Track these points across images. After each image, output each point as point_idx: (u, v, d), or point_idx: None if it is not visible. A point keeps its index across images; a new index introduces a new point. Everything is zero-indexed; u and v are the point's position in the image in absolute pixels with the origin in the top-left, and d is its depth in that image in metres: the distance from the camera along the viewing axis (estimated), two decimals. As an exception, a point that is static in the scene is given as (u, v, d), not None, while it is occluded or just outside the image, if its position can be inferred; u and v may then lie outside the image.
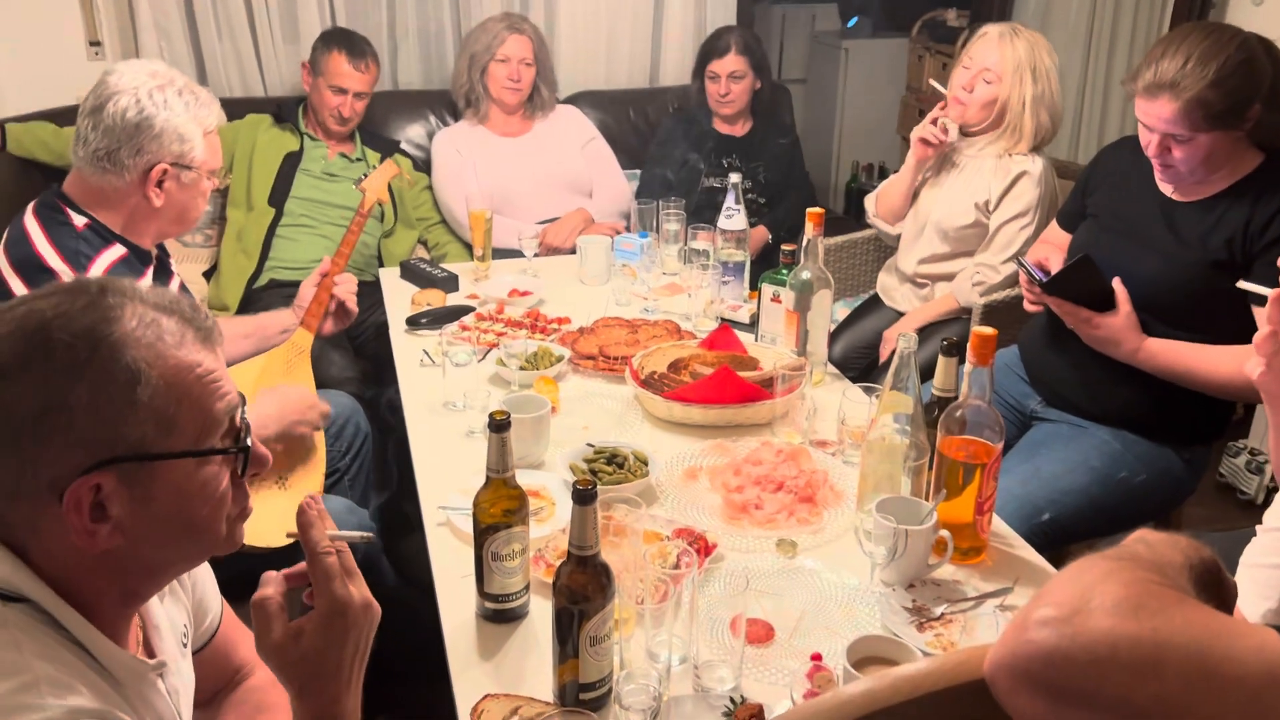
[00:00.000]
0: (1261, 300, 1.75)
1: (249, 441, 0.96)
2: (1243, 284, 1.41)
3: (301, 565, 1.01)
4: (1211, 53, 1.73)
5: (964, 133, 2.54)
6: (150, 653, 1.04)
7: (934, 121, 2.52)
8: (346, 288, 2.19)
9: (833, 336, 2.77)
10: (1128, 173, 1.99)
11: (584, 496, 1.15)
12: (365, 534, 1.08)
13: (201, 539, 0.96)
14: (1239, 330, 1.72)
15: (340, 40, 2.99)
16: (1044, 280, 1.87)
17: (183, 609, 1.13)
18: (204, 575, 1.20)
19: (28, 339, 0.86)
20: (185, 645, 1.12)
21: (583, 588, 1.17)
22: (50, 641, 0.87)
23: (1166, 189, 1.92)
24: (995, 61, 2.43)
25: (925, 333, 2.49)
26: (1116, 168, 2.04)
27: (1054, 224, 2.23)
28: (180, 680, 1.07)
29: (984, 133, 2.51)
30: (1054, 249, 2.14)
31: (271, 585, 1.00)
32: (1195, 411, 1.92)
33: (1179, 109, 1.74)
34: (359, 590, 1.00)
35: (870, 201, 2.81)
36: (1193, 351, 1.82)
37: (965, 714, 0.77)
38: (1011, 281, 2.45)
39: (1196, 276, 1.83)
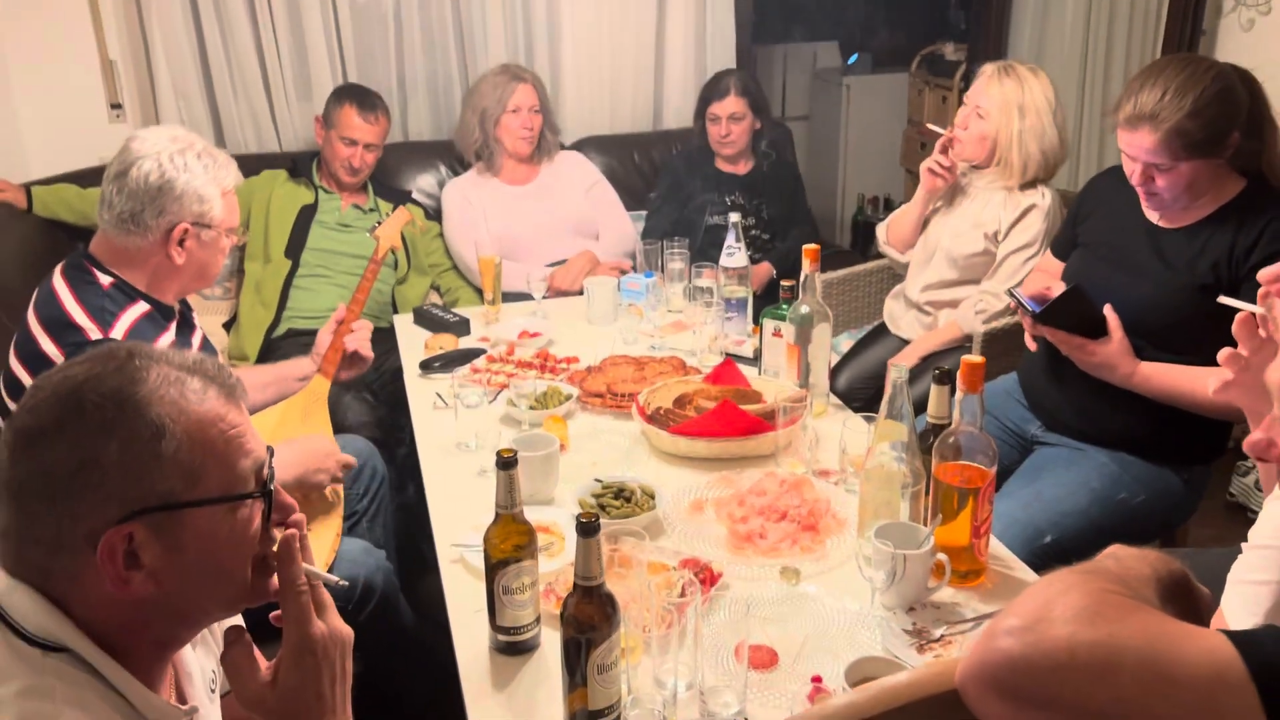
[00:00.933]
0: (1026, 309, 1.80)
1: (272, 487, 1.01)
2: (1223, 299, 1.45)
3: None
4: (1188, 84, 1.78)
5: (973, 167, 2.62)
6: (182, 699, 1.08)
7: (944, 151, 2.59)
8: (360, 335, 2.25)
9: (838, 367, 2.83)
10: (1115, 201, 2.05)
11: (587, 529, 1.20)
12: (339, 580, 1.10)
13: (230, 585, 1.00)
14: (1216, 342, 1.76)
15: (351, 94, 3.10)
16: (1036, 311, 1.92)
17: (212, 656, 1.17)
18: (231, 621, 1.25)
19: (62, 402, 0.93)
20: (214, 691, 1.16)
21: (589, 618, 1.22)
22: (87, 690, 0.92)
23: (1153, 216, 1.97)
24: (985, 99, 2.52)
25: (929, 361, 2.53)
26: (1104, 196, 2.10)
27: (1048, 252, 2.28)
28: None
29: (985, 167, 2.59)
30: (1049, 277, 2.18)
31: (234, 641, 1.03)
32: (1192, 432, 1.95)
33: (1159, 139, 1.80)
34: (329, 622, 1.03)
35: (881, 230, 2.89)
36: (1186, 373, 1.86)
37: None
38: (1013, 309, 2.50)
39: (1186, 301, 1.87)
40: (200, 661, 1.14)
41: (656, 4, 3.68)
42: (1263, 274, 1.24)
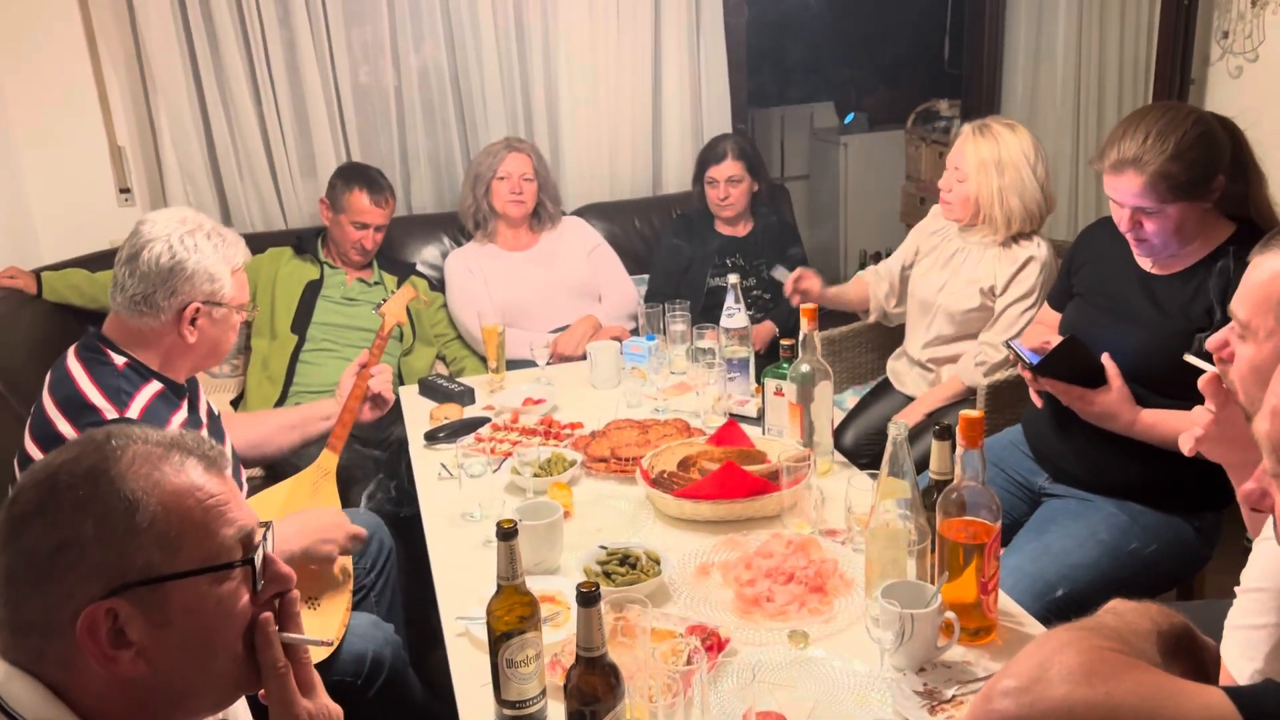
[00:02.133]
0: (1025, 362, 1.81)
1: (253, 556, 1.00)
2: (1189, 358, 1.47)
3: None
4: (1169, 129, 1.82)
5: (962, 227, 2.66)
6: None
7: None
8: (382, 378, 2.33)
9: (843, 424, 2.83)
10: (1108, 251, 2.06)
11: (587, 599, 1.19)
12: (322, 640, 1.10)
13: (223, 662, 0.99)
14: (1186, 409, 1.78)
15: (359, 178, 3.14)
16: (1034, 363, 1.92)
17: None
18: (240, 709, 1.23)
19: (38, 486, 0.95)
20: None
21: (592, 689, 1.21)
22: None
23: (1145, 264, 1.98)
24: (963, 160, 2.56)
25: (933, 418, 2.53)
26: (1097, 246, 2.11)
27: (1045, 304, 2.29)
28: None
29: (973, 225, 2.62)
30: (1047, 329, 2.19)
31: None
32: (1200, 479, 1.92)
33: (1144, 183, 1.82)
34: (316, 701, 1.03)
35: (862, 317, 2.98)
36: (1188, 419, 1.85)
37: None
38: (1012, 361, 2.50)
39: (1183, 346, 1.87)
40: None
41: (652, 73, 3.75)
42: (1209, 343, 1.27)
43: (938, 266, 2.72)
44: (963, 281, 2.63)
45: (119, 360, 1.87)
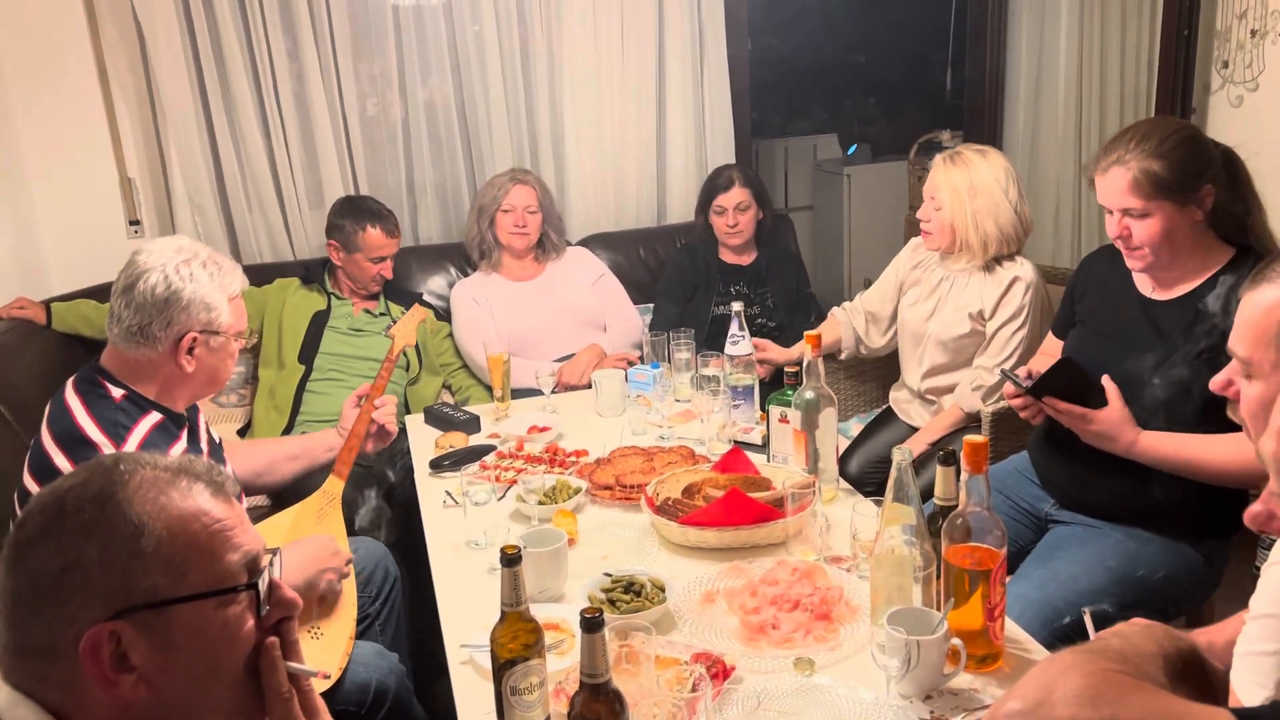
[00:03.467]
0: (1019, 385, 1.82)
1: (257, 580, 1.00)
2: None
3: None
4: (1155, 130, 1.88)
5: (944, 255, 2.70)
6: None
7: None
8: (386, 410, 2.32)
9: (849, 451, 2.82)
10: (1108, 278, 2.07)
11: (591, 624, 1.19)
12: (320, 671, 1.09)
13: (226, 688, 0.99)
14: (1220, 410, 1.77)
15: (367, 215, 3.14)
16: (1029, 385, 1.93)
17: None
18: None
19: (45, 511, 0.96)
20: None
21: (596, 716, 1.21)
22: None
23: (1145, 287, 1.99)
24: (938, 189, 2.60)
25: (937, 446, 2.52)
26: (1098, 273, 2.13)
27: (1050, 334, 2.29)
28: None
29: (954, 252, 2.65)
30: (1050, 359, 2.19)
31: None
32: (1207, 505, 1.93)
33: (1131, 179, 1.86)
34: None
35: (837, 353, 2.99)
36: (1190, 441, 1.85)
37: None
38: (1009, 395, 2.51)
39: (1186, 370, 1.87)
40: None
41: (656, 104, 3.79)
42: (1213, 385, 1.28)
43: (924, 297, 2.75)
44: (951, 309, 2.66)
45: (117, 393, 1.87)
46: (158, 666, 0.94)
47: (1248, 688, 1.11)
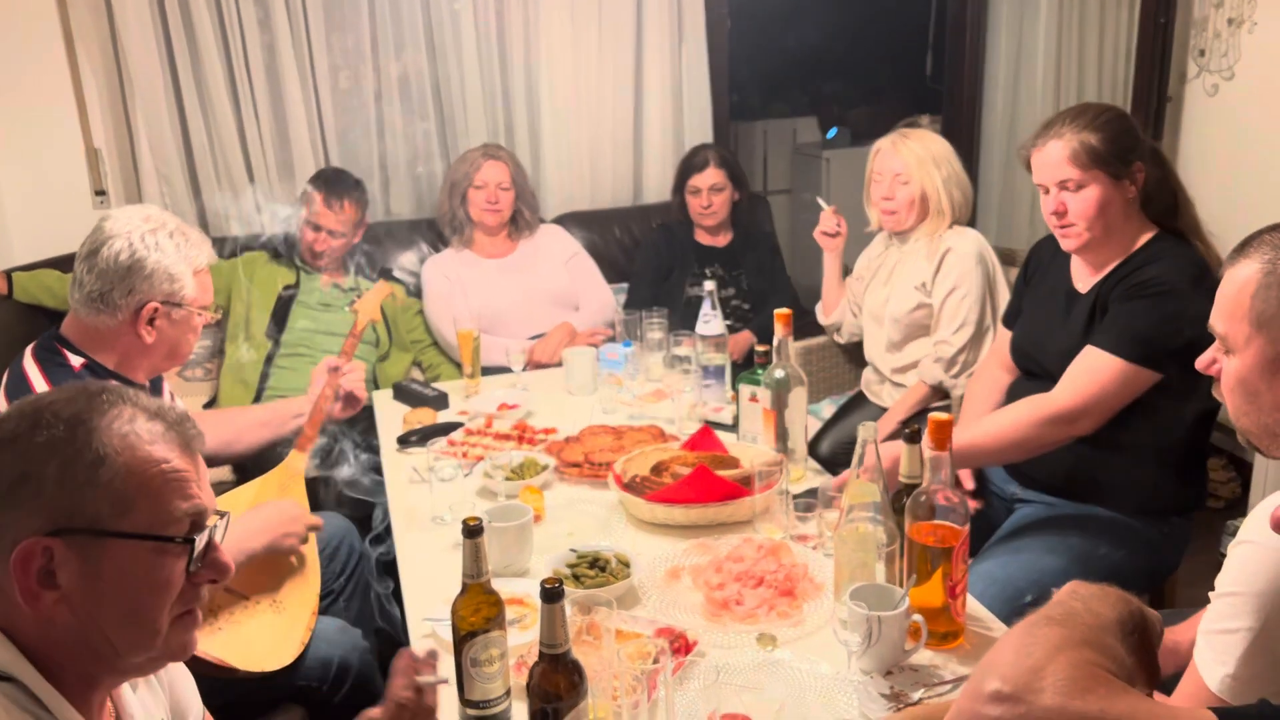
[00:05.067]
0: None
1: (195, 537, 1.01)
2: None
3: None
4: (1088, 110, 1.94)
5: (898, 235, 2.78)
6: None
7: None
8: (354, 376, 2.29)
9: (820, 433, 2.83)
10: (1050, 265, 2.11)
11: (551, 595, 1.18)
12: (441, 678, 1.20)
13: (143, 628, 1.00)
14: (1173, 386, 1.83)
15: (323, 181, 3.13)
16: None
17: (160, 704, 1.16)
18: (181, 678, 1.24)
19: (22, 418, 0.98)
20: None
21: (555, 686, 1.20)
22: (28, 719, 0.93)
23: (1077, 279, 2.03)
24: (900, 165, 2.68)
25: (908, 424, 2.53)
26: (1041, 261, 2.18)
27: (1001, 327, 2.31)
28: None
29: (917, 227, 2.71)
30: (1000, 355, 2.26)
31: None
32: (1168, 486, 1.95)
33: (1069, 151, 1.90)
34: None
35: (819, 313, 3.09)
36: (980, 425, 1.95)
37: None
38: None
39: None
40: (144, 703, 1.14)
41: (634, 82, 3.76)
42: (1198, 364, 1.32)
43: (881, 283, 2.82)
44: (900, 286, 2.73)
45: (76, 361, 1.84)
46: (81, 591, 0.96)
47: (1210, 665, 1.11)
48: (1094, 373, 1.85)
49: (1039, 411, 1.87)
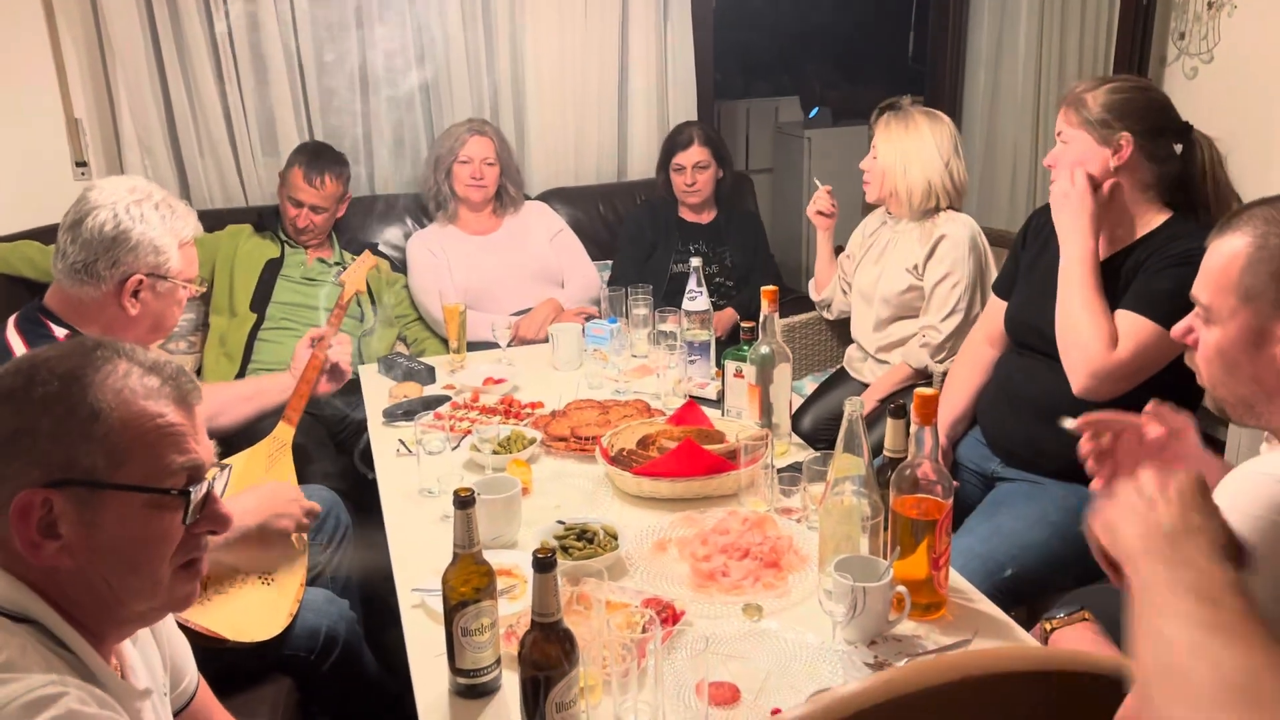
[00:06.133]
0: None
1: (191, 489, 1.03)
2: (1064, 423, 1.54)
3: None
4: (1117, 79, 1.99)
5: (888, 212, 2.83)
6: None
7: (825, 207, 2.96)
8: (341, 349, 2.29)
9: (802, 409, 2.86)
10: (1051, 232, 2.11)
11: (543, 564, 1.20)
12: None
13: (144, 578, 1.02)
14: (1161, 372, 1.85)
15: (303, 155, 3.12)
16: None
17: (158, 659, 1.18)
18: (177, 638, 1.27)
19: (18, 373, 0.99)
20: (166, 695, 1.17)
21: (547, 656, 1.22)
22: (52, 658, 0.95)
23: None
24: (875, 139, 2.73)
25: (888, 403, 2.56)
26: (1041, 229, 2.17)
27: (992, 296, 2.32)
28: (161, 716, 1.13)
29: (886, 202, 2.78)
30: (993, 322, 2.26)
31: None
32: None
33: (1065, 107, 1.99)
34: None
35: (811, 289, 3.13)
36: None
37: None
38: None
39: None
40: (146, 656, 1.16)
41: (618, 60, 3.76)
42: (1174, 332, 1.35)
43: (872, 261, 2.84)
44: (892, 266, 2.74)
45: (60, 332, 1.84)
46: (81, 541, 0.98)
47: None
48: (1130, 335, 1.86)
49: (1090, 364, 1.88)
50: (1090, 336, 1.88)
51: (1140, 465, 1.07)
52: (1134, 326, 1.87)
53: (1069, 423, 1.54)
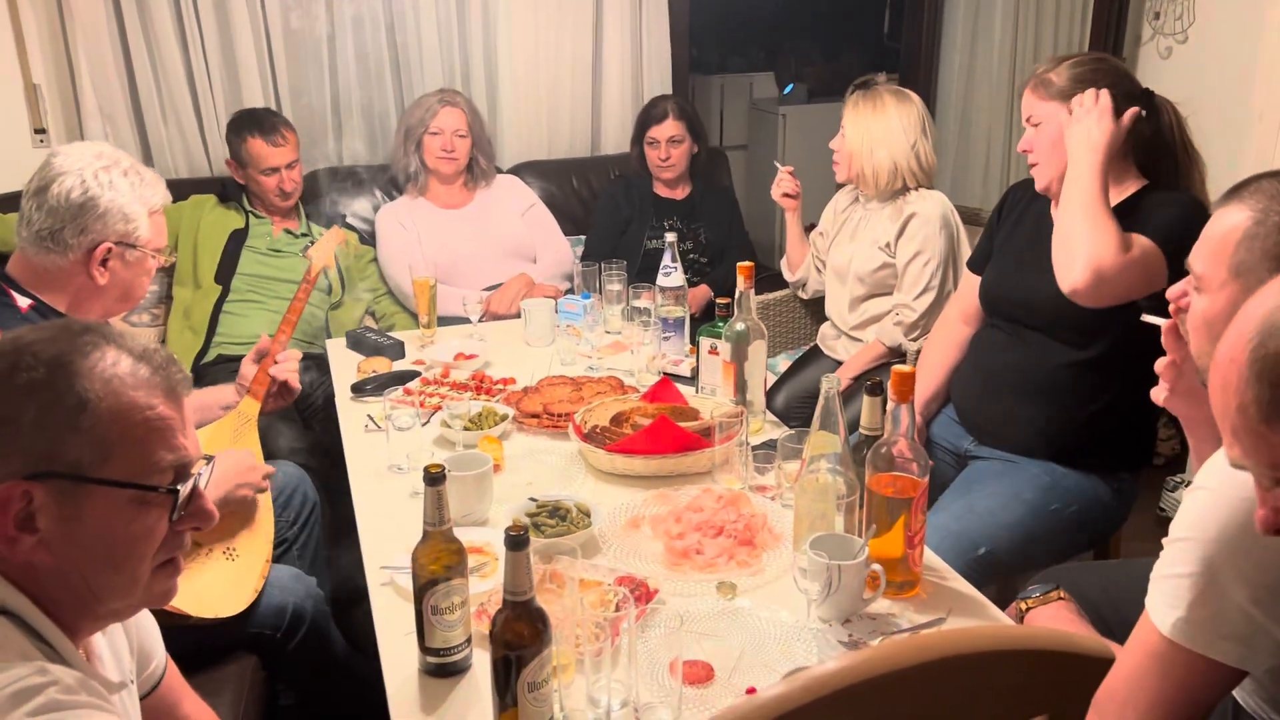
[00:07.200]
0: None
1: (178, 486, 0.99)
2: (1146, 317, 1.49)
3: None
4: (1080, 55, 2.01)
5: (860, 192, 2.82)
6: None
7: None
8: (287, 367, 2.14)
9: (775, 386, 2.85)
10: (1026, 207, 2.12)
11: (515, 542, 1.18)
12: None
13: (124, 576, 0.99)
14: (1130, 340, 1.82)
15: (249, 124, 3.04)
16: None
17: (125, 647, 1.15)
18: (146, 621, 1.23)
19: (2, 358, 0.94)
20: (132, 683, 1.14)
21: (519, 634, 1.19)
22: (30, 649, 0.92)
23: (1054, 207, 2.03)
24: (844, 119, 2.73)
25: (862, 380, 2.56)
26: (1017, 204, 2.18)
27: (967, 272, 2.32)
28: (130, 712, 1.10)
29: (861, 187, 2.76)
30: (968, 297, 2.24)
31: None
32: (1118, 441, 1.99)
33: (1030, 88, 1.98)
34: None
35: (785, 269, 3.12)
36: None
37: (870, 708, 0.81)
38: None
39: None
40: (113, 645, 1.13)
41: (592, 32, 3.70)
42: (1169, 293, 1.31)
43: (846, 239, 2.83)
44: (865, 244, 2.74)
45: (23, 302, 1.78)
46: (61, 536, 0.94)
47: (1161, 609, 1.14)
48: (1139, 246, 1.81)
49: (1098, 259, 1.80)
50: (1102, 234, 1.78)
51: None
52: (1142, 241, 1.82)
53: (1150, 317, 1.48)
